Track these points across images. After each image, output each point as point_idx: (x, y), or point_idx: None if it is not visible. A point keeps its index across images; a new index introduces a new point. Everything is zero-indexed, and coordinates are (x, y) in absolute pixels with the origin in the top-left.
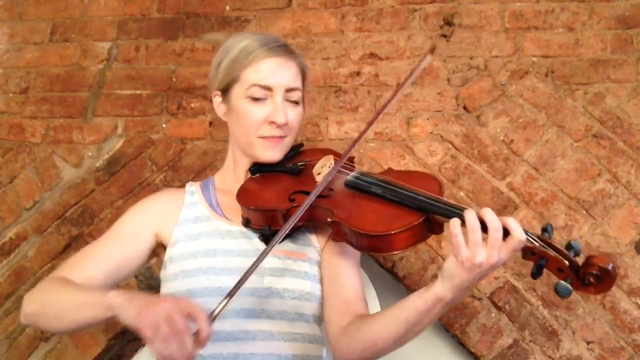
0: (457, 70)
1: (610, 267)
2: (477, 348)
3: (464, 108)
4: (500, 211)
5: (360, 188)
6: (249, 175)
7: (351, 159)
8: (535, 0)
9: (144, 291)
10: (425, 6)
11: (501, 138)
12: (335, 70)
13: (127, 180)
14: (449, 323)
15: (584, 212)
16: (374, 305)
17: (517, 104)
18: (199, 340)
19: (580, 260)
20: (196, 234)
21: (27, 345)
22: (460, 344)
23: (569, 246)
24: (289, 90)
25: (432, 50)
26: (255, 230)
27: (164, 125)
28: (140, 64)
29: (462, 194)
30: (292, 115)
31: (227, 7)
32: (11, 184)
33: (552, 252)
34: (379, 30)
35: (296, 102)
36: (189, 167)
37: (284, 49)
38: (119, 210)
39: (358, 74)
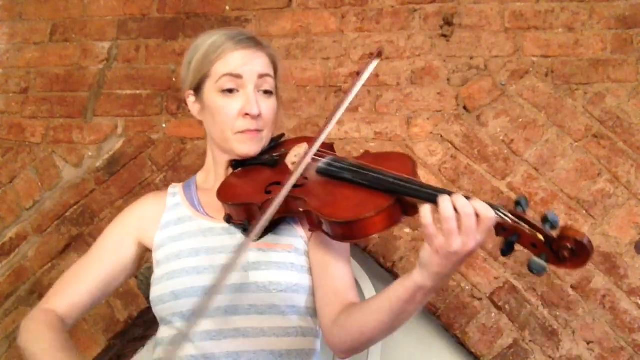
0: (457, 70)
1: (585, 240)
2: (477, 348)
3: (464, 108)
4: None
5: (332, 174)
6: (230, 171)
7: (330, 147)
8: (535, 0)
9: (144, 291)
10: (425, 6)
11: (501, 138)
12: (335, 70)
13: (127, 180)
14: (449, 323)
15: (584, 212)
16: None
17: (517, 104)
18: None
19: (556, 234)
20: (179, 234)
21: None
22: (460, 344)
23: (545, 219)
24: (260, 76)
25: (379, 54)
26: (237, 225)
27: (164, 125)
28: (140, 64)
29: (462, 194)
30: (266, 106)
31: (227, 7)
32: (11, 184)
33: (524, 227)
34: (379, 30)
35: (269, 92)
36: (189, 167)
37: (252, 40)
38: (119, 210)
39: (358, 74)
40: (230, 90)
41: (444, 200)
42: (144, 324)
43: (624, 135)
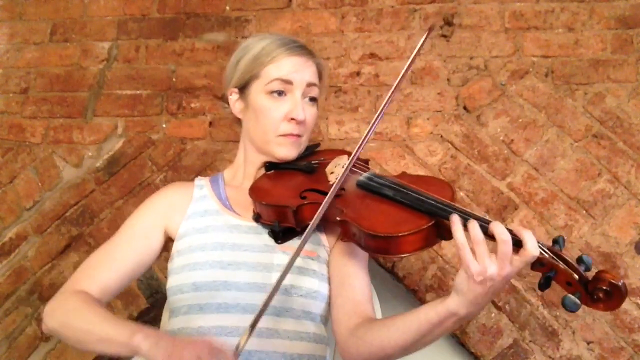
0: (457, 70)
1: (620, 283)
2: (477, 348)
3: (464, 108)
4: (500, 211)
5: (372, 189)
6: (261, 172)
7: (365, 161)
8: (535, 0)
9: (144, 291)
10: (425, 6)
11: (501, 138)
12: (335, 70)
13: (127, 180)
14: None
15: (584, 212)
16: (374, 305)
17: (517, 104)
18: None
19: (590, 275)
20: (204, 227)
21: (27, 345)
22: (460, 344)
23: (579, 260)
24: (309, 85)
25: (431, 29)
26: (265, 225)
27: (164, 125)
28: (140, 64)
29: (462, 194)
30: (309, 113)
31: (227, 7)
32: (11, 184)
33: (562, 265)
34: (379, 30)
35: (314, 100)
36: (189, 167)
37: (304, 49)
38: (119, 210)
39: (358, 74)
40: (279, 93)
41: (473, 225)
42: (144, 324)
43: (624, 135)
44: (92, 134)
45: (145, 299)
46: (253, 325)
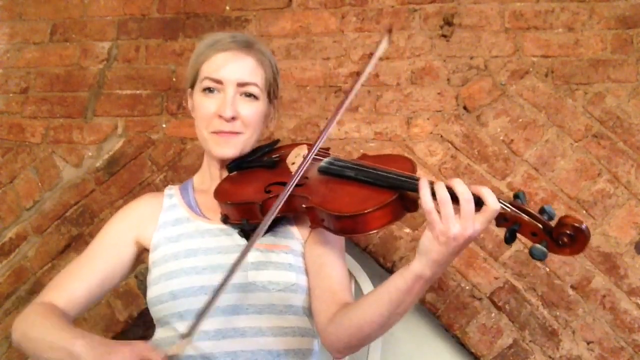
0: (457, 70)
1: (583, 227)
2: (477, 348)
3: (464, 108)
4: None
5: (334, 173)
6: (225, 173)
7: (326, 149)
8: (535, 0)
9: (144, 291)
10: (425, 6)
11: (501, 138)
12: (335, 70)
13: (127, 180)
14: (449, 323)
15: (584, 212)
16: None
17: (517, 104)
18: None
19: (554, 223)
20: (176, 235)
21: None
22: (460, 344)
23: (542, 211)
24: (241, 84)
25: (389, 30)
26: (234, 225)
27: (164, 125)
28: (140, 64)
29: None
30: (247, 110)
31: (227, 7)
32: (11, 184)
33: (525, 217)
34: (379, 30)
35: (253, 97)
36: (188, 167)
37: (239, 43)
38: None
39: (358, 74)
40: (211, 90)
41: (440, 186)
42: (144, 324)
43: (624, 135)
44: (92, 134)
45: (145, 299)
46: (188, 334)
